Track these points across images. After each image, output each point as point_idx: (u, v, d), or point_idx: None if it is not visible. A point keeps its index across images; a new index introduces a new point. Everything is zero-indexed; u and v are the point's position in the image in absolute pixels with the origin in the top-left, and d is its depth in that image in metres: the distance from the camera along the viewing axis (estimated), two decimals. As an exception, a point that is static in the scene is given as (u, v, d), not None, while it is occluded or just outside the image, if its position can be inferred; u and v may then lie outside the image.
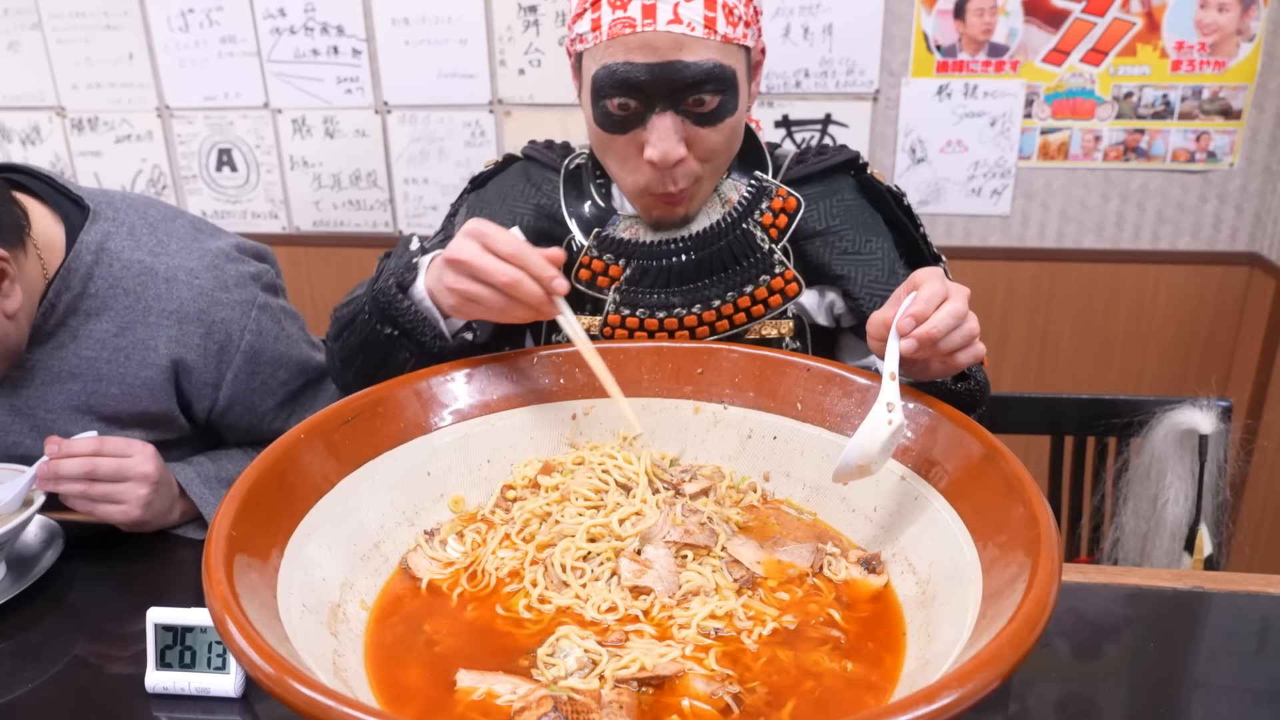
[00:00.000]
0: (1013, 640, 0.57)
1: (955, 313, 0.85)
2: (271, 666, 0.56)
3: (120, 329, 1.18)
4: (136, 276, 1.19)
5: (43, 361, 1.18)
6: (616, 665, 0.71)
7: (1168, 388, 2.38)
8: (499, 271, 0.90)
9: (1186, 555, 1.28)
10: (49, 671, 0.94)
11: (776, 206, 1.12)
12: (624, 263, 1.13)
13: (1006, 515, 0.73)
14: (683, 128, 1.02)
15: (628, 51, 0.98)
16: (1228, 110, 2.20)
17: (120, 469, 1.08)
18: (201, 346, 1.21)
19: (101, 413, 1.20)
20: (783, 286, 1.12)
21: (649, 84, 0.98)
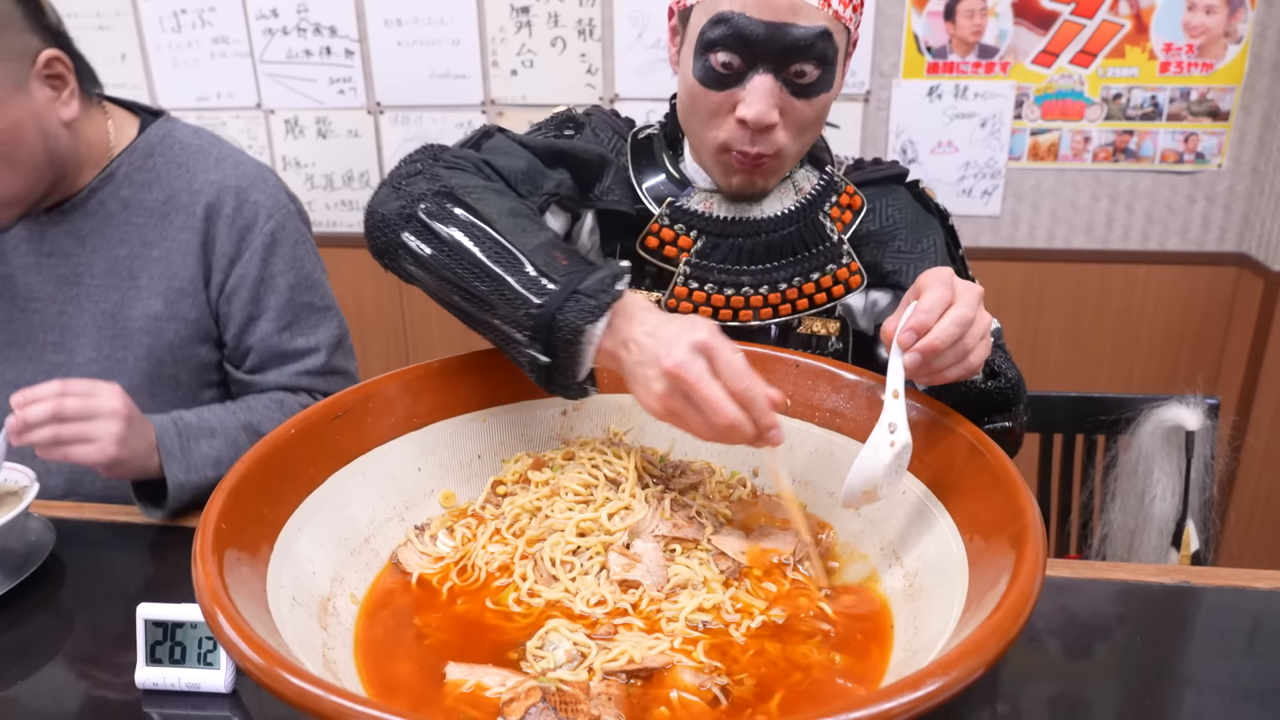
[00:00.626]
0: (997, 629, 0.58)
1: (960, 319, 0.81)
2: (261, 658, 0.56)
3: (168, 197, 1.28)
4: (192, 154, 1.30)
5: (96, 229, 1.27)
6: (605, 658, 0.72)
7: (1157, 387, 2.40)
8: (723, 410, 0.78)
9: (1174, 551, 1.29)
10: (39, 668, 0.94)
11: (844, 202, 1.14)
12: (695, 235, 1.13)
13: (993, 508, 0.74)
14: (780, 94, 1.01)
15: (745, 5, 0.98)
16: (1215, 112, 2.22)
17: (87, 406, 1.07)
18: (231, 219, 1.28)
19: (137, 279, 1.27)
20: (847, 278, 1.14)
21: (760, 41, 0.98)
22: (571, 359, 0.87)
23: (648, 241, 1.14)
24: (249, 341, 1.32)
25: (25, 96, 1.13)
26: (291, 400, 1.32)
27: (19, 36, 1.12)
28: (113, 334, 1.28)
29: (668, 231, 1.13)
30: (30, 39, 1.13)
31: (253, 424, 1.25)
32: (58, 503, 1.25)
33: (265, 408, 1.29)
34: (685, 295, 1.13)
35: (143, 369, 1.29)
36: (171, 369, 1.30)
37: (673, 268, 1.13)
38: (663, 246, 1.13)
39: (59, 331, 1.28)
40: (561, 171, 1.13)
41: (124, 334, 1.28)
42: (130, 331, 1.28)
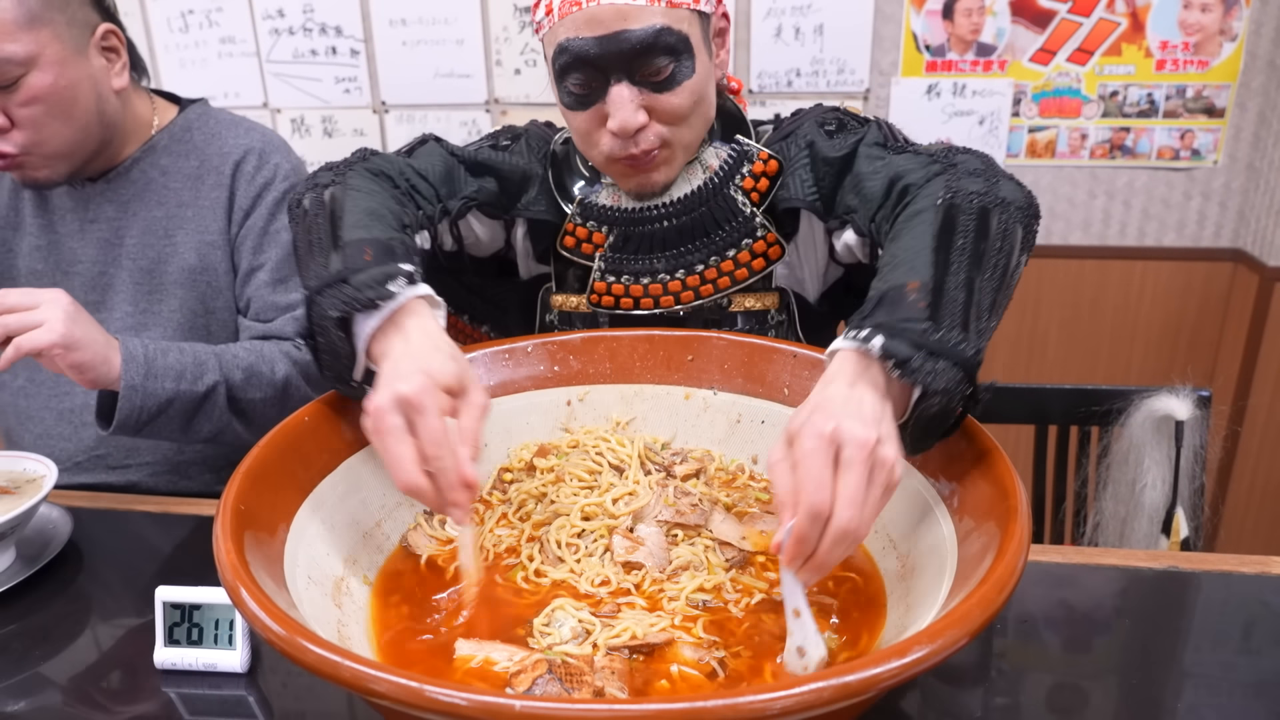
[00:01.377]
0: (981, 602, 0.60)
1: (841, 535, 0.67)
2: (283, 628, 0.59)
3: (201, 162, 1.39)
4: (225, 126, 1.42)
5: (136, 195, 1.37)
6: (609, 634, 0.75)
7: (1154, 381, 2.39)
8: (402, 473, 0.75)
9: (1164, 538, 1.32)
10: (59, 651, 0.97)
11: (758, 170, 1.13)
12: (607, 229, 1.15)
13: (981, 491, 0.77)
14: (640, 96, 1.03)
15: (576, 27, 1.00)
16: (1211, 109, 2.24)
17: (28, 294, 1.10)
18: (251, 176, 1.38)
19: (173, 236, 1.36)
20: (765, 250, 1.14)
21: (599, 56, 1.01)
22: (332, 349, 0.86)
23: (565, 241, 1.18)
24: (248, 292, 1.38)
25: (84, 60, 1.25)
26: (271, 347, 1.32)
27: (81, 9, 1.25)
28: (149, 289, 1.37)
29: (581, 230, 1.16)
30: (90, 13, 1.27)
31: (225, 352, 1.28)
32: (75, 491, 1.28)
33: (241, 346, 1.31)
34: (605, 290, 1.16)
35: (176, 320, 1.37)
36: (204, 319, 1.38)
37: (589, 264, 1.16)
38: (579, 245, 1.17)
39: (100, 291, 1.37)
40: (487, 180, 1.17)
41: (160, 288, 1.37)
42: (166, 285, 1.37)
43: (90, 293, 1.37)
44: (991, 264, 0.83)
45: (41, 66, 1.20)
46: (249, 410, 1.28)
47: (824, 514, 0.67)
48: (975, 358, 0.75)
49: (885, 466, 0.69)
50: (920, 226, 0.87)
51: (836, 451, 0.69)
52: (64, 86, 1.22)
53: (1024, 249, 0.91)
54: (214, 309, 1.39)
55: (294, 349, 1.34)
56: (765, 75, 2.36)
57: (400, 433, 0.75)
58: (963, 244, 0.83)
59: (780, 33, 2.32)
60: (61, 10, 1.22)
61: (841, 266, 1.19)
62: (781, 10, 2.29)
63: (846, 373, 0.74)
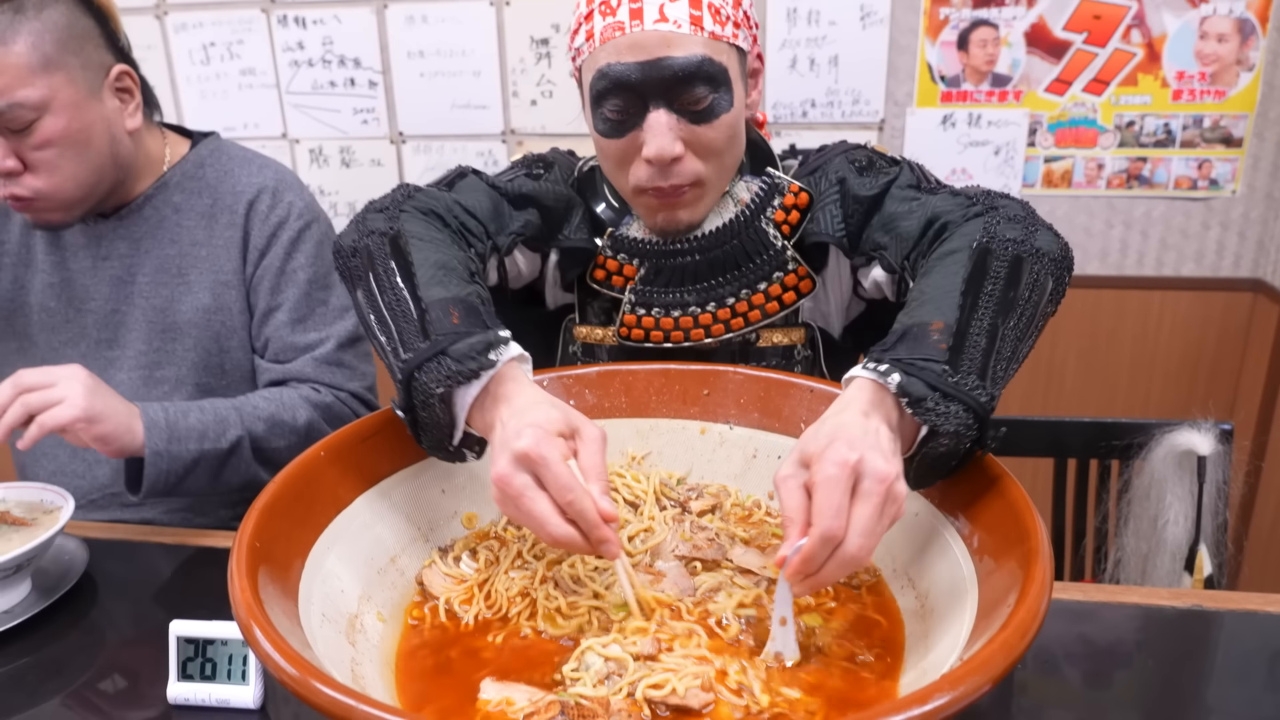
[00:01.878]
0: (1004, 647, 0.59)
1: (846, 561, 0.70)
2: (296, 668, 0.59)
3: (215, 200, 1.39)
4: (238, 162, 1.42)
5: (149, 233, 1.37)
6: (648, 681, 0.71)
7: (1173, 413, 2.39)
8: (548, 528, 0.76)
9: (1186, 575, 1.30)
10: (72, 684, 0.97)
11: (789, 203, 1.14)
12: (638, 262, 1.15)
13: (1002, 530, 0.76)
14: (679, 125, 1.03)
15: (618, 53, 1.01)
16: (1229, 138, 2.23)
17: (46, 373, 1.12)
18: (265, 215, 1.38)
19: (186, 275, 1.37)
20: (795, 284, 1.14)
21: (640, 82, 1.01)
22: (433, 421, 0.86)
23: (595, 274, 1.17)
24: (265, 332, 1.39)
25: (98, 103, 1.26)
26: (290, 393, 1.33)
27: (96, 50, 1.26)
28: (162, 328, 1.37)
29: (612, 262, 1.16)
30: (105, 54, 1.27)
31: (245, 405, 1.29)
32: (91, 523, 1.29)
33: (260, 395, 1.32)
34: (635, 322, 1.15)
35: (190, 359, 1.37)
36: (218, 358, 1.39)
37: (619, 296, 1.16)
38: (610, 277, 1.17)
39: (112, 329, 1.38)
40: (530, 212, 1.15)
41: (173, 328, 1.37)
42: (179, 325, 1.37)
43: (103, 330, 1.38)
44: (1018, 313, 0.84)
45: (55, 111, 1.20)
46: (274, 458, 1.29)
47: (837, 540, 0.70)
48: (989, 404, 0.77)
49: (897, 502, 0.72)
50: (952, 266, 0.88)
51: (856, 482, 0.71)
52: (77, 130, 1.23)
53: (1053, 300, 0.92)
54: (228, 348, 1.39)
55: (313, 392, 1.35)
56: (780, 106, 2.37)
57: (532, 490, 0.76)
58: (991, 289, 0.84)
59: (795, 63, 2.33)
60: (76, 54, 1.22)
61: (864, 301, 1.19)
62: (797, 41, 2.31)
63: (861, 402, 0.76)
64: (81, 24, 1.24)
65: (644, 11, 1.00)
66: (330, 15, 2.49)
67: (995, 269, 0.86)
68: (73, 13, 1.23)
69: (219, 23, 2.54)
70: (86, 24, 1.24)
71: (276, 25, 2.52)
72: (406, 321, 0.89)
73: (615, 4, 1.01)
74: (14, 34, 1.16)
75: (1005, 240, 0.89)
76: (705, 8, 1.01)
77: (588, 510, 0.76)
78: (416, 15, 2.45)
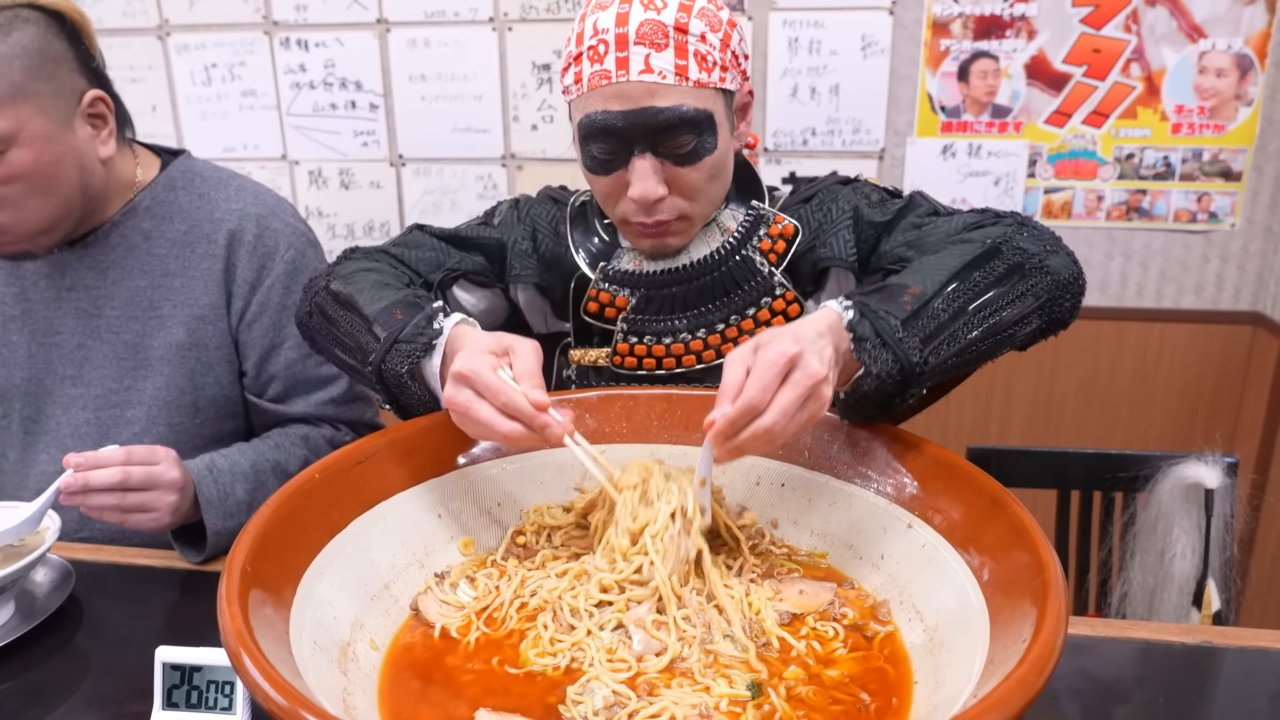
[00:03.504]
0: (1021, 684, 0.58)
1: (764, 429, 0.79)
2: (285, 699, 0.57)
3: (190, 227, 1.30)
4: (212, 185, 1.33)
5: (117, 261, 1.28)
6: (647, 712, 0.71)
7: (1174, 445, 2.37)
8: (496, 428, 0.87)
9: (1195, 610, 1.28)
10: (54, 711, 0.94)
11: (775, 233, 1.16)
12: (629, 293, 1.17)
13: (1013, 562, 0.74)
14: (662, 168, 1.06)
15: (605, 101, 1.03)
16: (1228, 172, 2.24)
17: (151, 476, 1.09)
18: (252, 246, 1.30)
19: (159, 309, 1.29)
20: (784, 308, 1.16)
21: (625, 129, 1.03)
22: (419, 401, 1.00)
23: (589, 307, 1.20)
24: (271, 370, 1.33)
25: (69, 133, 1.18)
26: (316, 435, 1.33)
27: (69, 76, 1.17)
28: (133, 365, 1.29)
29: (604, 294, 1.18)
30: (79, 79, 1.19)
31: (281, 464, 1.26)
32: (76, 545, 1.26)
33: (293, 445, 1.30)
34: (628, 351, 1.18)
35: (161, 398, 1.29)
36: (191, 396, 1.31)
37: (612, 327, 1.18)
38: (603, 309, 1.19)
39: (77, 365, 1.30)
40: (472, 254, 1.23)
41: (144, 364, 1.29)
42: (150, 361, 1.29)
43: (68, 366, 1.30)
44: (992, 308, 0.92)
45: (23, 143, 1.12)
46: None
47: (757, 411, 0.80)
48: (918, 366, 0.86)
49: (820, 400, 0.82)
50: (958, 251, 0.96)
51: (789, 370, 0.80)
52: (46, 163, 1.15)
53: (1041, 315, 0.97)
54: (202, 386, 1.31)
55: (335, 432, 1.34)
56: (781, 134, 2.37)
57: (475, 401, 0.87)
58: (978, 279, 0.93)
59: (796, 92, 2.33)
60: (48, 81, 1.14)
61: None
62: (798, 70, 2.32)
63: (820, 323, 0.86)
64: (54, 48, 1.16)
65: (630, 62, 1.02)
66: (332, 38, 2.50)
67: (993, 266, 0.94)
68: (45, 35, 1.15)
69: (221, 44, 2.55)
70: (59, 47, 1.16)
71: (279, 47, 2.53)
72: (363, 337, 1.03)
73: (603, 52, 1.03)
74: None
75: (1017, 248, 0.96)
76: (691, 56, 1.03)
77: (522, 405, 0.86)
78: (419, 39, 2.46)
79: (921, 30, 2.26)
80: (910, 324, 0.87)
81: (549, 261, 1.22)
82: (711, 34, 1.04)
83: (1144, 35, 2.18)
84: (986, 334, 0.91)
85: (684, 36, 1.02)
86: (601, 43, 1.03)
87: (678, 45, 1.02)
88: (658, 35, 1.01)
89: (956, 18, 2.24)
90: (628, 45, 1.02)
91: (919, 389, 0.88)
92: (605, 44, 1.03)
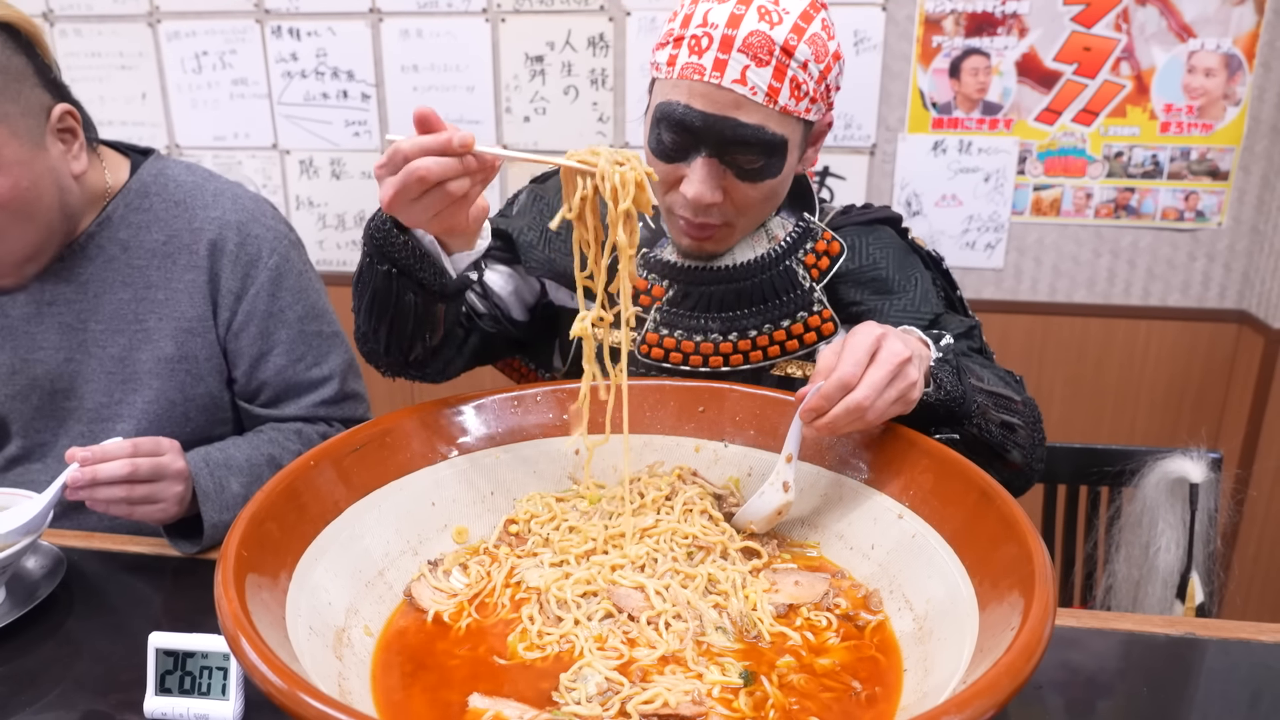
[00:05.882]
0: (1009, 670, 0.59)
1: (853, 407, 0.86)
2: (284, 681, 0.57)
3: (169, 237, 1.27)
4: (189, 191, 1.29)
5: (96, 275, 1.25)
6: (640, 698, 0.72)
7: (1159, 440, 2.40)
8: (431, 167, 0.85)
9: (1179, 603, 1.29)
10: (45, 697, 0.94)
11: (820, 249, 1.15)
12: (667, 284, 1.16)
13: (1002, 552, 0.75)
14: (723, 176, 1.05)
15: (690, 95, 1.02)
16: (1215, 171, 2.26)
17: (158, 467, 1.09)
18: (235, 254, 1.28)
19: (144, 321, 1.26)
20: (819, 325, 1.15)
21: (700, 130, 1.02)
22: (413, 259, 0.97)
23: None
24: (262, 376, 1.32)
25: (43, 152, 1.14)
26: (310, 430, 1.33)
27: (33, 92, 1.12)
28: (122, 379, 1.27)
29: (641, 281, 1.17)
30: (43, 95, 1.14)
31: (275, 458, 1.26)
32: (68, 532, 1.26)
33: (286, 439, 1.29)
34: (657, 341, 1.16)
35: (152, 411, 1.28)
36: (182, 408, 1.30)
37: (645, 314, 1.17)
38: (638, 296, 1.17)
39: (68, 379, 1.27)
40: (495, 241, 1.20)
41: (133, 378, 1.27)
42: (140, 375, 1.27)
43: (57, 381, 1.27)
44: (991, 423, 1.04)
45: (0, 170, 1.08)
46: None
47: (850, 386, 0.86)
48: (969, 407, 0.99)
49: (907, 380, 0.89)
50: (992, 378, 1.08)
51: (876, 350, 0.88)
52: (25, 189, 1.11)
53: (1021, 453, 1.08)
54: (193, 396, 1.30)
55: (329, 428, 1.34)
56: (773, 128, 2.37)
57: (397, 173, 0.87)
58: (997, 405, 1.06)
59: (788, 87, 2.34)
60: (14, 100, 1.09)
61: None
62: (790, 65, 2.32)
63: (912, 332, 0.99)
64: (14, 64, 1.10)
65: (727, 67, 1.00)
66: (324, 27, 2.49)
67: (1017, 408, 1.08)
68: (3, 53, 1.09)
69: (212, 32, 2.53)
70: (19, 62, 1.11)
71: (270, 36, 2.51)
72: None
73: (705, 46, 1.01)
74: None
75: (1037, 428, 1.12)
76: (788, 81, 1.01)
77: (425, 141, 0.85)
78: (411, 29, 2.45)
79: (914, 26, 2.27)
80: (974, 384, 1.01)
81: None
82: (815, 64, 1.02)
83: (1134, 34, 2.19)
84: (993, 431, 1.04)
85: (788, 59, 1.00)
86: (707, 36, 1.00)
87: (778, 66, 1.00)
88: (763, 50, 0.99)
89: (949, 14, 2.25)
90: (731, 49, 0.99)
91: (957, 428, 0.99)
92: (710, 39, 1.00)
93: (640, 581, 0.86)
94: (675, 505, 0.95)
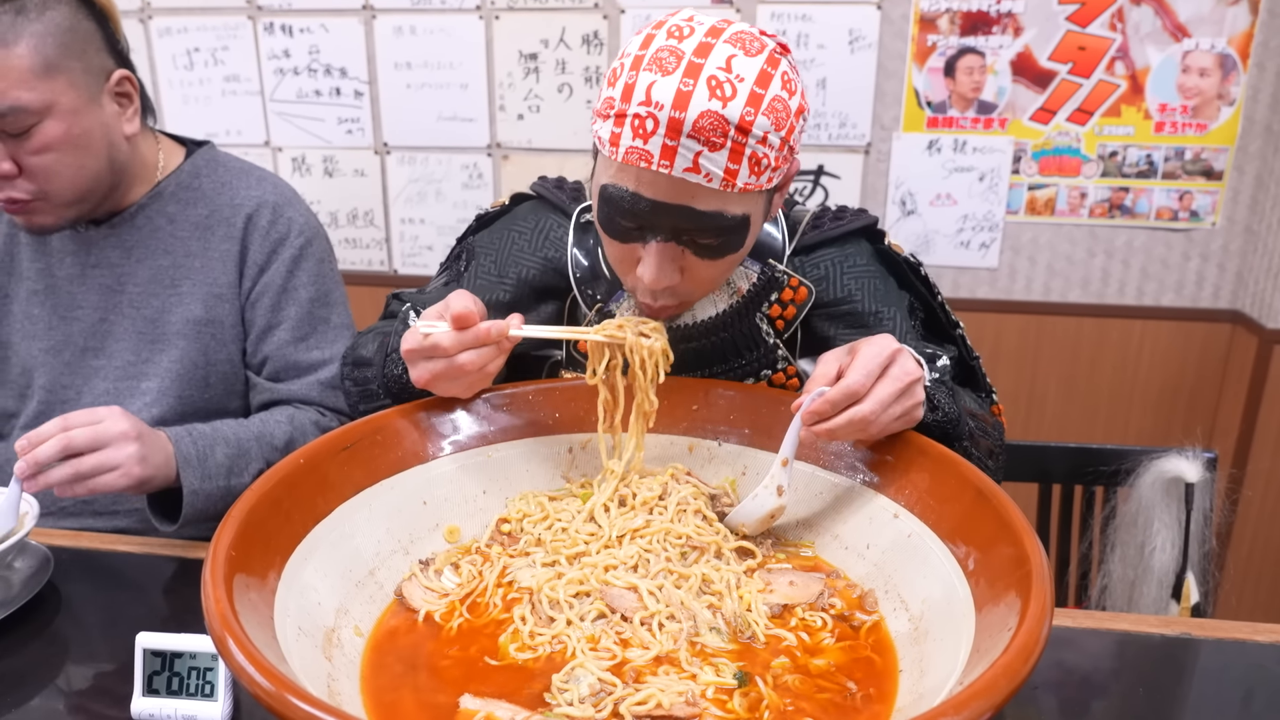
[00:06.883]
0: (1007, 671, 0.58)
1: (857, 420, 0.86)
2: (271, 683, 0.56)
3: (211, 211, 1.37)
4: (235, 174, 1.41)
5: (141, 242, 1.35)
6: (633, 699, 0.71)
7: (1154, 440, 2.40)
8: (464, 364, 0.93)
9: (1174, 603, 1.29)
10: (32, 698, 0.93)
11: (786, 297, 1.09)
12: None
13: (998, 553, 0.74)
14: (680, 256, 0.97)
15: (638, 183, 0.91)
16: (1209, 171, 2.26)
17: (96, 433, 1.07)
18: (266, 230, 1.37)
19: (179, 286, 1.35)
20: (784, 382, 1.11)
21: (650, 218, 0.93)
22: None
23: (580, 345, 1.12)
24: (265, 350, 1.37)
25: (97, 108, 1.24)
26: (302, 416, 1.35)
27: (98, 54, 1.24)
28: (151, 338, 1.35)
29: None
30: (106, 59, 1.25)
31: (265, 434, 1.28)
32: (56, 530, 1.25)
33: (277, 420, 1.32)
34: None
35: (175, 370, 1.34)
36: (203, 371, 1.36)
37: None
38: None
39: (100, 337, 1.35)
40: None
41: (161, 338, 1.34)
42: (168, 335, 1.34)
43: (90, 339, 1.35)
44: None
45: (55, 115, 1.19)
46: None
47: (857, 397, 0.86)
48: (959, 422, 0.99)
49: (914, 399, 0.89)
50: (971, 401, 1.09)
51: (888, 365, 0.87)
52: (77, 135, 1.21)
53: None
54: (215, 361, 1.36)
55: (320, 416, 1.36)
56: (767, 127, 2.36)
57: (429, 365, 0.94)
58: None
59: (783, 86, 2.33)
60: (79, 58, 1.20)
61: None
62: (785, 64, 2.31)
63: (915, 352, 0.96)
64: (84, 27, 1.22)
65: (677, 156, 0.88)
66: (318, 24, 2.47)
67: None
68: (75, 15, 1.21)
69: (204, 28, 2.52)
70: (89, 27, 1.23)
71: (263, 33, 2.50)
72: (370, 370, 1.12)
73: (650, 129, 0.88)
74: (15, 36, 1.14)
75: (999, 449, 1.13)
76: (746, 160, 0.89)
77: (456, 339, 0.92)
78: (405, 26, 2.44)
79: (909, 25, 2.26)
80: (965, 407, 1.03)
81: (540, 290, 1.15)
82: (775, 133, 0.89)
83: (1129, 34, 2.19)
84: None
85: (744, 138, 0.88)
86: (652, 118, 0.87)
87: (734, 147, 0.88)
88: (716, 134, 0.86)
89: (944, 13, 2.24)
90: (680, 135, 0.87)
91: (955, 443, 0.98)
92: (656, 121, 0.87)
93: (633, 582, 0.85)
94: (669, 505, 0.94)
